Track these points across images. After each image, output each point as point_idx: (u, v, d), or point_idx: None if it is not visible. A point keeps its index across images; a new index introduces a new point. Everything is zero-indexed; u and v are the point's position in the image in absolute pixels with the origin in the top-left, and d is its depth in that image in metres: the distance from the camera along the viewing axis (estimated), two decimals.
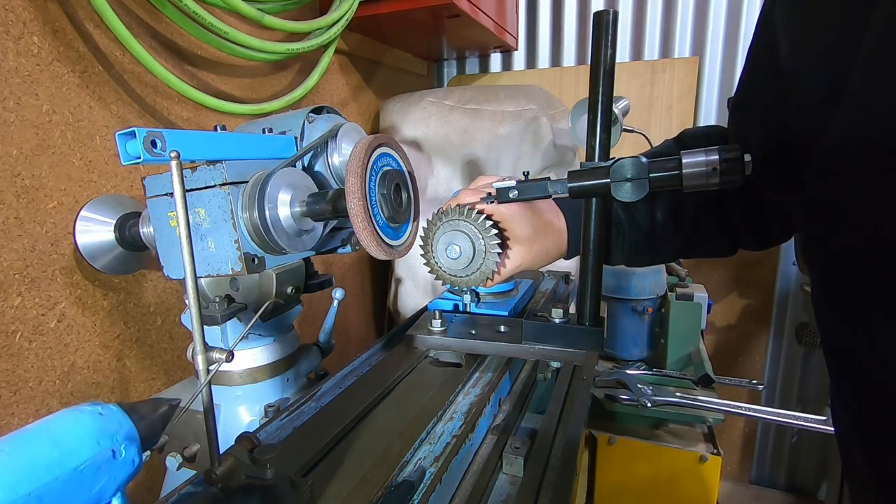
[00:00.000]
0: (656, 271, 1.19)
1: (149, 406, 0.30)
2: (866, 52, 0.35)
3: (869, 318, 0.39)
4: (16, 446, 0.23)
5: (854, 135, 0.37)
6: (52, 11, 0.67)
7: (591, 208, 0.55)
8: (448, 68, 1.84)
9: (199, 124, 0.89)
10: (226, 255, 0.51)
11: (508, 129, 1.22)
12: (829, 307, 0.45)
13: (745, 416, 1.01)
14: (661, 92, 1.58)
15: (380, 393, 0.56)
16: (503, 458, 0.51)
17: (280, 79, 1.08)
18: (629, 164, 0.46)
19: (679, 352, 1.19)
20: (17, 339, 0.64)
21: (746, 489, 1.80)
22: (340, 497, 0.40)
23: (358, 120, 1.39)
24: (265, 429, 0.49)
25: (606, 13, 0.51)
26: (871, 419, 0.41)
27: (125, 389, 0.78)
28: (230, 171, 0.49)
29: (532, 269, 0.60)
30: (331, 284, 0.72)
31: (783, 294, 1.65)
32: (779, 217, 0.58)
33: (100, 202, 0.71)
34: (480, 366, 0.65)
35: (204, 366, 0.36)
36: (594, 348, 0.58)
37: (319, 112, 0.64)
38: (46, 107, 0.66)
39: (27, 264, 0.65)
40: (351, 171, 0.48)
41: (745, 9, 1.50)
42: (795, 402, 1.71)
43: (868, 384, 0.41)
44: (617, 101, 1.15)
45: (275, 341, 0.65)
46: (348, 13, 1.01)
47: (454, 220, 0.54)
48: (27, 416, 0.66)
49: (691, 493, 0.99)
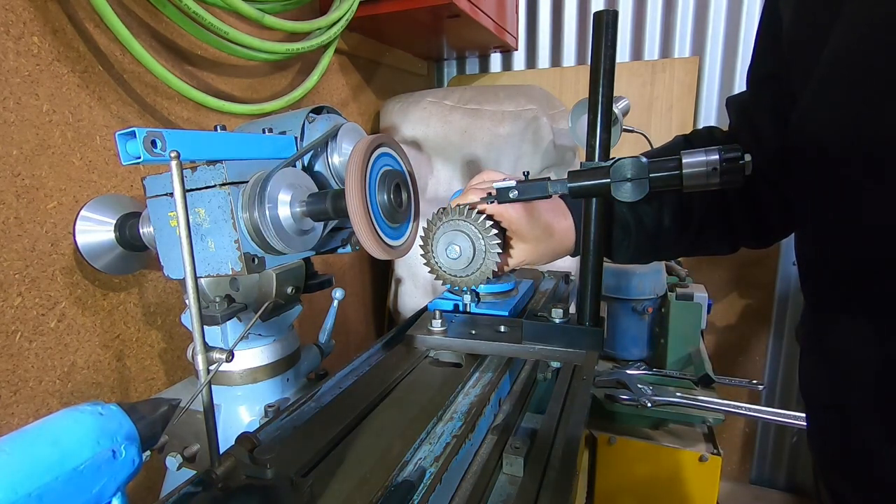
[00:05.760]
0: (656, 271, 1.19)
1: (149, 406, 0.30)
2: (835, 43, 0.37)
3: (833, 311, 0.44)
4: (16, 446, 0.23)
5: (807, 129, 0.41)
6: (52, 11, 0.67)
7: (591, 208, 0.55)
8: (448, 68, 1.84)
9: (199, 124, 0.89)
10: (226, 255, 0.51)
11: (508, 129, 1.22)
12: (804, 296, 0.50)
13: (745, 416, 1.01)
14: (661, 92, 1.58)
15: (380, 393, 0.56)
16: (503, 458, 0.51)
17: (280, 79, 1.08)
18: (629, 164, 0.46)
19: (679, 352, 1.19)
20: (17, 339, 0.64)
21: (746, 489, 1.80)
22: (340, 497, 0.40)
23: (358, 120, 1.39)
24: (265, 429, 0.49)
25: (606, 13, 0.51)
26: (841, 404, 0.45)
27: (125, 389, 0.78)
28: (230, 171, 0.49)
29: (536, 264, 0.60)
30: (331, 284, 0.71)
31: (783, 294, 1.65)
32: (778, 212, 0.58)
33: (100, 202, 0.71)
34: (480, 366, 0.65)
35: (204, 366, 0.36)
36: (594, 348, 0.58)
37: (319, 112, 0.64)
38: (46, 107, 0.66)
39: (27, 264, 0.65)
40: (351, 171, 0.48)
41: (745, 9, 1.50)
42: (795, 402, 1.71)
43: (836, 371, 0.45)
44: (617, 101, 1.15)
45: (275, 341, 0.65)
46: (348, 13, 1.01)
47: (454, 220, 0.54)
48: (27, 416, 0.66)
49: (691, 493, 0.99)
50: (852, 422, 0.43)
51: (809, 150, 0.42)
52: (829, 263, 0.44)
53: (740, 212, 0.59)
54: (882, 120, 0.35)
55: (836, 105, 0.38)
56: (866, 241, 0.39)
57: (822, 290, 0.47)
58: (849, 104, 0.37)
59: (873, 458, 0.41)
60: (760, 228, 0.61)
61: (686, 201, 0.59)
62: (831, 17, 0.38)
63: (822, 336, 0.47)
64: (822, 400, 0.48)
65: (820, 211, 0.44)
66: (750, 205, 0.59)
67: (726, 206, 0.59)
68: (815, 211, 0.45)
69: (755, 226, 0.60)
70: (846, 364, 0.43)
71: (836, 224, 0.42)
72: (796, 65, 0.44)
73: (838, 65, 0.38)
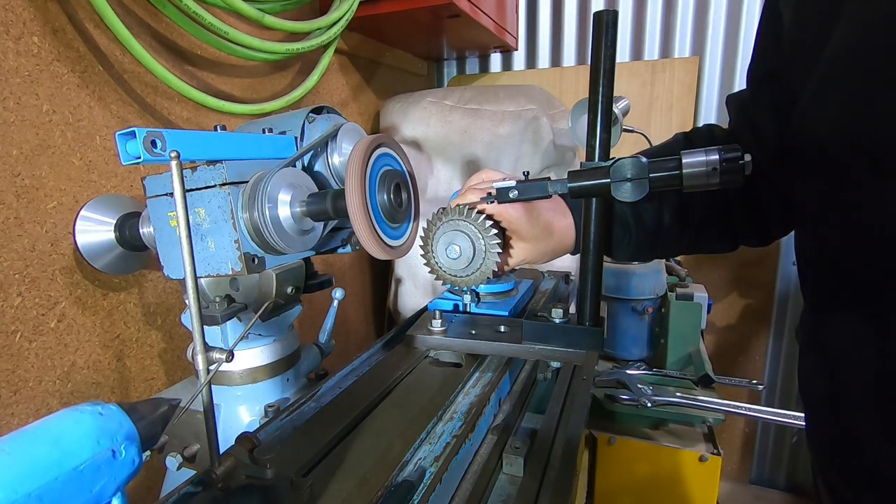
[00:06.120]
0: (656, 271, 1.19)
1: (149, 406, 0.30)
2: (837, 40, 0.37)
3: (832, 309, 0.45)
4: (16, 446, 0.23)
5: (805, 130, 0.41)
6: (52, 11, 0.67)
7: (591, 208, 0.55)
8: (448, 68, 1.84)
9: (199, 124, 0.89)
10: (226, 255, 0.51)
11: (508, 129, 1.22)
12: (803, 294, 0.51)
13: (745, 416, 1.01)
14: (661, 92, 1.58)
15: (380, 393, 0.56)
16: (503, 458, 0.51)
17: (280, 79, 1.08)
18: (629, 164, 0.46)
19: (679, 352, 1.19)
20: (17, 339, 0.64)
21: (746, 489, 1.80)
22: (340, 497, 0.40)
23: (358, 120, 1.39)
24: (265, 429, 0.49)
25: (606, 13, 0.51)
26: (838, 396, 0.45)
27: (125, 389, 0.78)
28: (230, 171, 0.49)
29: (535, 264, 0.60)
30: (331, 284, 0.71)
31: (783, 294, 1.65)
32: (778, 211, 0.58)
33: (100, 202, 0.71)
34: (480, 366, 0.65)
35: (204, 366, 0.36)
36: (594, 348, 0.58)
37: (319, 112, 0.64)
38: (46, 107, 0.66)
39: (27, 264, 0.65)
40: (351, 171, 0.48)
41: (745, 9, 1.50)
42: (795, 402, 1.71)
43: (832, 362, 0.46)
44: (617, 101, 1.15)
45: (275, 341, 0.65)
46: (348, 13, 1.01)
47: (454, 220, 0.54)
48: (27, 416, 0.66)
49: (691, 493, 0.99)
50: (851, 421, 0.43)
51: (810, 150, 0.42)
52: (828, 263, 0.44)
53: (740, 210, 0.59)
54: (882, 119, 0.35)
55: (836, 104, 0.38)
56: (866, 241, 0.39)
57: (822, 290, 0.47)
58: (849, 104, 0.37)
59: (872, 458, 0.41)
60: (760, 227, 0.61)
61: (686, 200, 0.59)
62: (832, 16, 0.38)
63: (822, 335, 0.47)
64: (821, 398, 0.48)
65: (820, 210, 0.44)
66: (750, 203, 0.59)
67: (726, 205, 0.59)
68: (816, 210, 0.45)
69: (755, 224, 0.60)
70: (845, 363, 0.43)
71: (836, 223, 0.42)
72: (797, 64, 0.44)
73: (839, 64, 0.38)
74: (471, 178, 0.60)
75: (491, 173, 0.60)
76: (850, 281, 0.42)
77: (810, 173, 0.43)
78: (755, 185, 0.54)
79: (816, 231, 0.46)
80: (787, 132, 0.45)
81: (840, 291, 0.44)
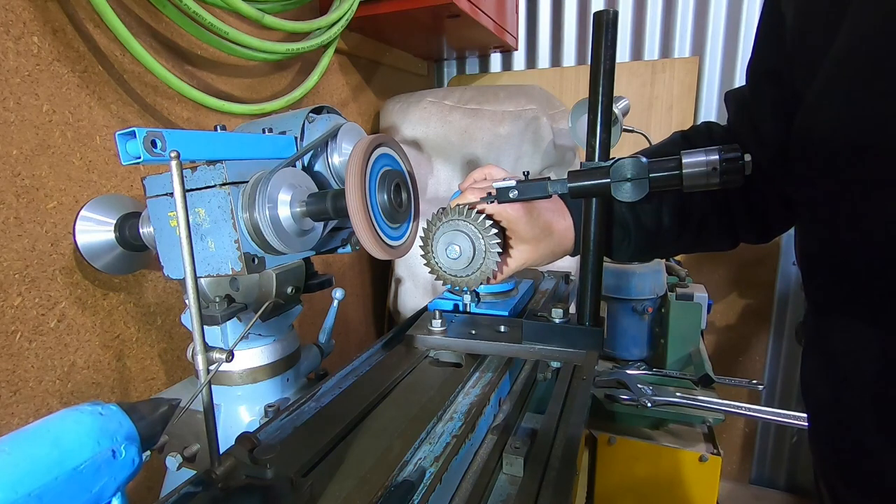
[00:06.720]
0: (656, 271, 1.19)
1: (149, 406, 0.30)
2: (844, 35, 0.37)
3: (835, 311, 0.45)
4: (16, 446, 0.23)
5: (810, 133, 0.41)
6: (52, 11, 0.67)
7: (591, 208, 0.55)
8: (448, 68, 1.84)
9: (199, 124, 0.89)
10: (226, 255, 0.51)
11: (508, 129, 1.22)
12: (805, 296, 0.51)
13: (745, 416, 1.01)
14: (661, 92, 1.58)
15: (380, 393, 0.56)
16: (503, 458, 0.51)
17: (280, 79, 1.08)
18: (629, 164, 0.46)
19: (679, 352, 1.19)
20: (17, 339, 0.64)
21: (746, 489, 1.80)
22: (340, 497, 0.40)
23: (358, 120, 1.39)
24: (265, 429, 0.49)
25: (606, 13, 0.51)
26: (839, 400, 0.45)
27: (125, 389, 0.78)
28: (230, 171, 0.49)
29: (535, 266, 0.60)
30: (331, 284, 0.72)
31: (783, 294, 1.65)
32: (778, 208, 0.58)
33: (100, 202, 0.71)
34: (480, 366, 0.65)
35: (204, 366, 0.36)
36: (594, 348, 0.58)
37: (319, 112, 0.64)
38: (46, 107, 0.66)
39: (27, 264, 0.65)
40: (351, 171, 0.48)
41: (745, 9, 1.50)
42: (795, 402, 1.71)
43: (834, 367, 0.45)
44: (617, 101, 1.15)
45: (275, 341, 0.65)
46: (348, 13, 1.01)
47: (454, 220, 0.54)
48: (27, 416, 0.66)
49: (691, 493, 0.99)
50: (852, 422, 0.43)
51: (815, 149, 0.41)
52: (834, 264, 0.44)
53: (740, 208, 0.59)
54: (891, 120, 0.35)
55: (843, 104, 0.38)
56: (873, 243, 0.39)
57: (824, 290, 0.47)
58: (856, 103, 0.37)
59: (873, 459, 0.41)
60: (760, 224, 0.61)
61: (685, 200, 0.59)
62: (838, 16, 0.38)
63: (824, 337, 0.47)
64: (823, 400, 0.48)
65: (826, 211, 0.44)
66: (749, 201, 0.59)
67: (726, 204, 0.59)
68: (821, 211, 0.45)
69: (755, 222, 0.60)
70: (847, 364, 0.43)
71: (843, 225, 0.42)
72: (800, 62, 0.44)
73: (845, 65, 0.37)
74: (472, 173, 0.60)
75: (492, 169, 0.60)
76: (855, 283, 0.42)
77: (816, 174, 0.43)
78: (755, 183, 0.54)
79: (822, 232, 0.45)
80: (791, 132, 0.44)
81: (845, 293, 0.43)
